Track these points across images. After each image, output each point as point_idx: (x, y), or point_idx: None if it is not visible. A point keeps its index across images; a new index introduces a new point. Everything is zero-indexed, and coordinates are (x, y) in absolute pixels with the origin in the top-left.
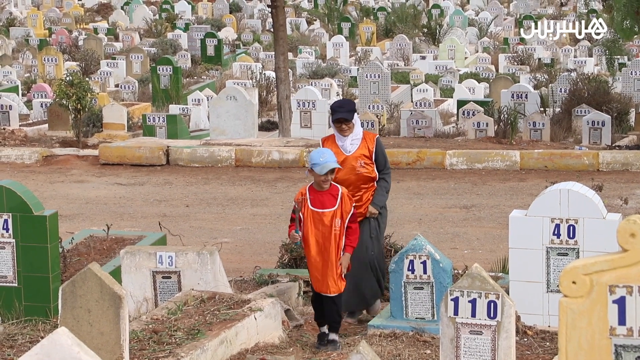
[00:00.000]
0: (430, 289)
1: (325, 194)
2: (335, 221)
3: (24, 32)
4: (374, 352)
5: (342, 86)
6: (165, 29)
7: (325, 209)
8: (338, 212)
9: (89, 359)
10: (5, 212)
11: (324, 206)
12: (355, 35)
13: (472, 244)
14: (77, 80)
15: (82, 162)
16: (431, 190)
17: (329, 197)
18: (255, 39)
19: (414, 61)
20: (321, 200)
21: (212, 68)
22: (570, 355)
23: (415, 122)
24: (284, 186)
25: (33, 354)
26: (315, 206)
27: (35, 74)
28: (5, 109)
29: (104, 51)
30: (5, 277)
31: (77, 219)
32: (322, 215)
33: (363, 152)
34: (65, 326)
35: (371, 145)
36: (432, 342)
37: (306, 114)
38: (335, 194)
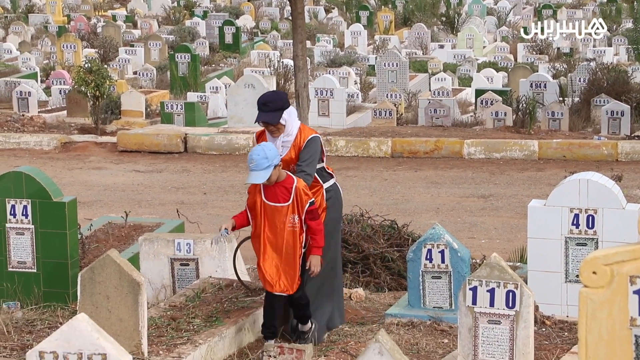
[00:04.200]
0: (448, 278)
1: (279, 186)
2: (290, 217)
3: (42, 18)
4: (392, 341)
5: (359, 75)
6: (183, 17)
7: (278, 203)
8: (293, 207)
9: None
10: (25, 198)
11: (277, 200)
12: (374, 23)
13: (490, 234)
14: (96, 67)
15: (101, 149)
16: (449, 180)
17: (282, 189)
18: (274, 27)
19: (432, 50)
20: (274, 192)
21: (230, 56)
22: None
23: (433, 111)
24: None
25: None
26: (269, 199)
27: (54, 60)
28: (24, 95)
29: (123, 38)
30: (24, 262)
31: (95, 206)
32: (275, 210)
33: (293, 155)
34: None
35: (300, 146)
36: (449, 331)
37: (324, 103)
38: (289, 187)
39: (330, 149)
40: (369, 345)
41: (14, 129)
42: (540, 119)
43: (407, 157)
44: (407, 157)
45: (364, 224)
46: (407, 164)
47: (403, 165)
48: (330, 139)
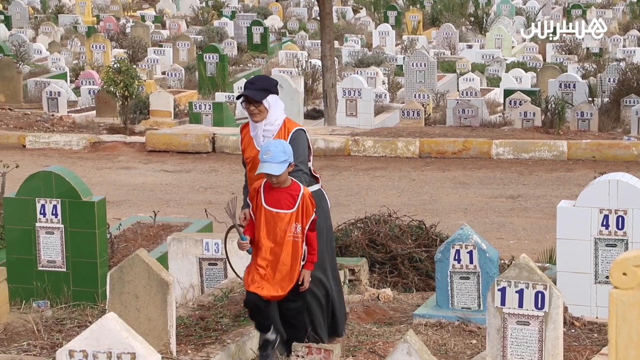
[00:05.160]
0: (477, 278)
1: (283, 192)
2: (292, 226)
3: (72, 19)
4: (421, 341)
5: (387, 75)
6: (212, 17)
7: (281, 210)
8: (297, 215)
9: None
10: (55, 197)
11: (279, 206)
12: (402, 23)
13: (518, 234)
14: (125, 68)
15: (129, 148)
16: (477, 180)
17: (286, 195)
18: (302, 27)
19: (460, 50)
20: (277, 198)
21: (258, 56)
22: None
23: (462, 112)
24: (329, 174)
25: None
26: (270, 205)
27: (83, 60)
28: (54, 95)
29: (151, 39)
30: (54, 262)
31: (124, 205)
32: (276, 217)
33: None
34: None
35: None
36: (478, 332)
37: (352, 103)
38: (295, 194)
39: (357, 149)
40: (398, 346)
41: (44, 129)
42: (570, 120)
43: (435, 157)
44: (435, 158)
45: (391, 224)
46: (435, 164)
47: (431, 166)
48: (357, 139)
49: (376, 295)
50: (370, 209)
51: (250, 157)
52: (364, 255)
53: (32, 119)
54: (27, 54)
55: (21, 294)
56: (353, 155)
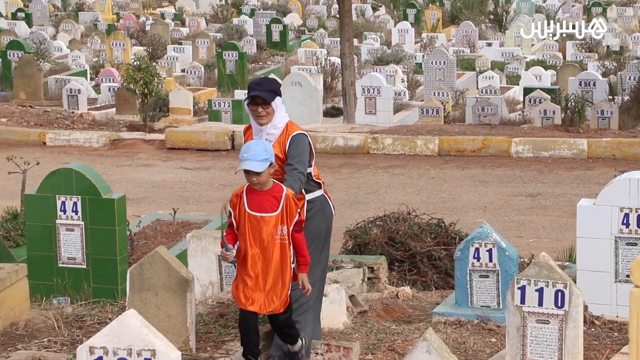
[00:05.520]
0: (496, 277)
1: (265, 195)
2: (279, 228)
3: (92, 16)
4: (440, 340)
5: (407, 73)
6: (231, 15)
7: (265, 213)
8: (281, 217)
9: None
10: (75, 194)
11: (263, 209)
12: (421, 21)
13: (538, 233)
14: (144, 65)
15: (149, 146)
16: (496, 178)
17: (269, 198)
18: (321, 25)
19: (479, 48)
20: (260, 202)
21: (277, 54)
22: None
23: (481, 110)
24: (349, 172)
25: (103, 335)
26: (253, 209)
27: (103, 58)
28: (74, 93)
29: (171, 36)
30: (74, 258)
31: (144, 203)
32: (261, 221)
33: (277, 152)
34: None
35: (285, 143)
36: (497, 330)
37: (371, 101)
38: (278, 195)
39: (377, 147)
40: (417, 344)
41: (64, 126)
42: (590, 118)
43: (455, 155)
44: (455, 156)
45: (411, 222)
46: (454, 163)
47: (450, 164)
48: (377, 137)
49: (395, 293)
50: (390, 207)
51: None
52: (383, 253)
53: (53, 116)
54: (47, 52)
55: (42, 290)
56: (372, 153)
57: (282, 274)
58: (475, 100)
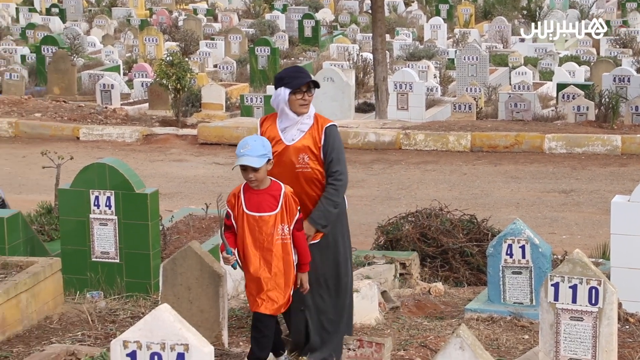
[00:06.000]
0: (529, 273)
1: (263, 194)
2: (279, 228)
3: (125, 12)
4: (473, 336)
5: (439, 68)
6: (263, 10)
7: (263, 213)
8: (281, 216)
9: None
10: (108, 189)
11: (261, 209)
12: (453, 17)
13: (571, 229)
14: (177, 61)
15: (181, 141)
16: (529, 174)
17: (267, 197)
18: (353, 21)
19: (512, 44)
20: (258, 201)
21: (309, 49)
22: None
23: (514, 105)
24: (380, 168)
25: (136, 329)
26: (251, 209)
27: (136, 53)
28: (107, 88)
29: (203, 32)
30: (107, 253)
31: (176, 198)
32: (260, 221)
33: (309, 144)
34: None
35: (319, 136)
36: (530, 327)
37: (403, 96)
38: (277, 193)
39: (409, 143)
40: (450, 340)
41: (97, 121)
42: (624, 114)
43: (487, 151)
44: (487, 152)
45: (443, 218)
46: (486, 159)
47: (482, 160)
48: (409, 133)
49: (427, 289)
50: (421, 203)
51: (277, 152)
52: (415, 249)
53: (86, 111)
54: (81, 47)
55: (75, 284)
56: (404, 149)
57: (285, 275)
58: (508, 96)
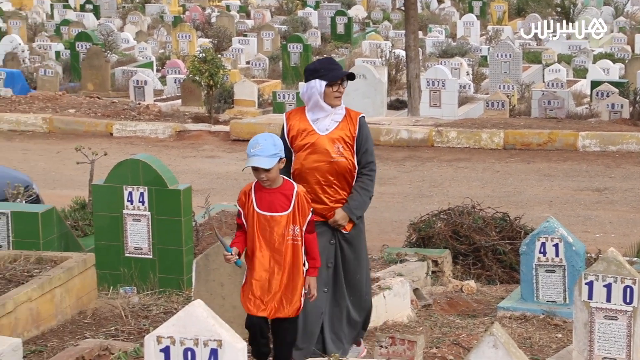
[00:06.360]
0: (562, 272)
1: (275, 193)
2: (290, 228)
3: (159, 9)
4: (507, 334)
5: (472, 65)
6: (296, 7)
7: (275, 213)
8: (293, 216)
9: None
10: (142, 185)
11: (273, 208)
12: (487, 14)
13: (605, 228)
14: (210, 57)
15: (214, 137)
16: (562, 172)
17: (279, 197)
18: (385, 17)
19: (546, 41)
20: (269, 200)
21: (341, 46)
22: None
23: (547, 103)
24: (412, 165)
25: (170, 325)
26: (263, 208)
27: (169, 50)
28: (141, 84)
29: (236, 28)
30: (140, 249)
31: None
32: (272, 221)
33: (343, 134)
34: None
35: (353, 127)
36: (563, 326)
37: (435, 93)
38: (289, 193)
39: (441, 140)
40: (484, 338)
41: (130, 117)
42: None
43: (520, 149)
44: (520, 149)
45: (475, 216)
46: (519, 156)
47: (515, 158)
48: (441, 130)
49: (459, 287)
50: (454, 200)
51: (309, 143)
52: (447, 247)
53: (119, 107)
54: (114, 43)
55: (109, 279)
56: (436, 146)
57: (294, 278)
58: (541, 93)
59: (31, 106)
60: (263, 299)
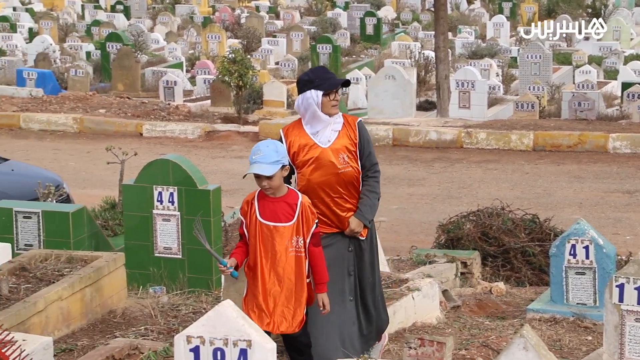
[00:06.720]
0: (593, 274)
1: (279, 202)
2: (294, 240)
3: (188, 9)
4: (537, 337)
5: (501, 67)
6: (325, 8)
7: (279, 223)
8: (297, 227)
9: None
10: (171, 185)
11: (277, 218)
12: (516, 15)
13: (635, 230)
14: (239, 58)
15: (243, 138)
16: (592, 174)
17: (283, 206)
18: (415, 18)
19: (576, 42)
20: (273, 210)
21: (370, 47)
22: None
23: (577, 104)
24: (441, 166)
25: (200, 324)
26: (266, 218)
27: (199, 50)
28: (170, 84)
29: (265, 29)
30: (170, 248)
31: (238, 194)
32: (274, 231)
33: (346, 143)
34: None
35: (353, 133)
36: (593, 328)
37: (465, 94)
38: (293, 203)
39: (470, 141)
40: (514, 340)
41: (160, 118)
42: None
43: (550, 150)
44: (550, 151)
45: (504, 217)
46: (549, 158)
47: (545, 159)
48: (470, 131)
49: (489, 288)
50: (483, 202)
51: (313, 157)
52: (476, 248)
53: (149, 107)
54: (145, 44)
55: (138, 279)
56: (465, 148)
57: (297, 291)
58: (571, 94)
59: (62, 106)
60: (265, 312)
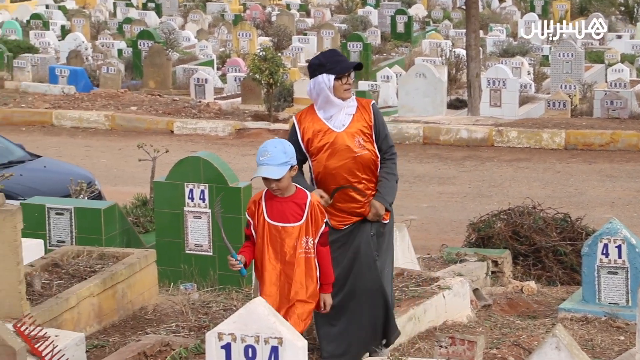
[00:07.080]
0: (625, 274)
1: (287, 202)
2: (303, 240)
3: (219, 7)
4: (570, 336)
5: (533, 65)
6: (356, 6)
7: (287, 223)
8: (306, 227)
9: (284, 329)
10: (202, 182)
11: (285, 219)
12: (548, 13)
13: None
14: (270, 55)
15: (273, 135)
16: (625, 173)
17: (291, 206)
18: (446, 16)
19: (609, 40)
20: (281, 210)
21: (401, 45)
22: None
23: (610, 103)
24: (472, 165)
25: (231, 322)
26: (274, 218)
27: (229, 48)
28: (201, 82)
29: (296, 27)
30: (201, 245)
31: None
32: (283, 232)
33: (360, 126)
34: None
35: (368, 116)
36: (626, 328)
37: (496, 93)
38: (302, 202)
39: (501, 140)
40: (546, 340)
41: (191, 115)
42: None
43: (581, 149)
44: (581, 150)
45: (535, 216)
46: (581, 157)
47: (577, 158)
48: (501, 130)
49: (520, 287)
50: (514, 201)
51: (328, 143)
52: (507, 247)
53: (180, 105)
54: (176, 42)
55: (169, 276)
56: (497, 146)
57: (308, 291)
58: (603, 93)
59: (94, 103)
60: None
